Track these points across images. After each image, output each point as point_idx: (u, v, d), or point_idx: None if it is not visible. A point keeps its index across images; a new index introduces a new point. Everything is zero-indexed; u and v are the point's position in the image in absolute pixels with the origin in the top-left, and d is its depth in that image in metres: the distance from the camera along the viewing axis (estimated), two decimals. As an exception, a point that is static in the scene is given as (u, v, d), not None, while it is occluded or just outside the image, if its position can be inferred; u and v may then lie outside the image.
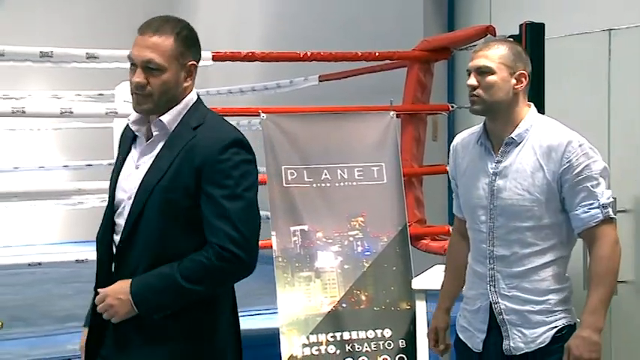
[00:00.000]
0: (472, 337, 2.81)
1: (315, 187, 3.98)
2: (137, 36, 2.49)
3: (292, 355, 3.74)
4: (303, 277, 3.85)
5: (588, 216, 2.67)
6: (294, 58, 4.81)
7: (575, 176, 2.66)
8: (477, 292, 2.80)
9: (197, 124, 2.52)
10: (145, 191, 2.45)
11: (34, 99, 7.30)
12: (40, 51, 4.24)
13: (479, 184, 2.78)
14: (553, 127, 2.77)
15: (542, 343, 2.71)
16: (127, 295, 2.43)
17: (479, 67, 2.71)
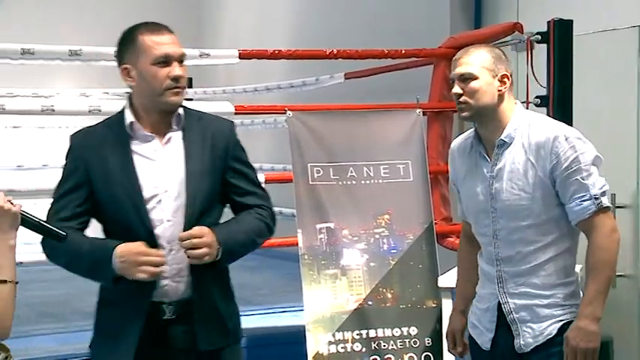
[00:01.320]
0: (481, 335, 2.85)
1: (341, 184, 3.99)
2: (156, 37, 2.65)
3: (318, 353, 3.75)
4: (329, 274, 3.86)
5: (581, 208, 2.69)
6: (320, 55, 4.81)
7: (565, 170, 2.68)
8: (487, 291, 2.85)
9: (197, 116, 2.75)
10: (192, 175, 2.62)
11: (62, 97, 7.36)
12: (70, 49, 4.28)
13: (478, 189, 2.81)
14: (540, 123, 2.80)
15: (549, 335, 2.74)
16: (215, 242, 2.57)
17: (461, 75, 2.74)
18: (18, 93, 7.08)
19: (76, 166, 2.66)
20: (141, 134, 2.65)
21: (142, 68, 2.61)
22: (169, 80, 2.59)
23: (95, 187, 2.64)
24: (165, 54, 2.60)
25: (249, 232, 2.70)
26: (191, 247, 2.53)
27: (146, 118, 2.66)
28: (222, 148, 2.70)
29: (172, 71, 2.59)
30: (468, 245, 3.04)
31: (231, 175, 2.72)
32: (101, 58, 4.41)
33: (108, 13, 10.53)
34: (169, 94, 2.60)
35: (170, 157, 2.64)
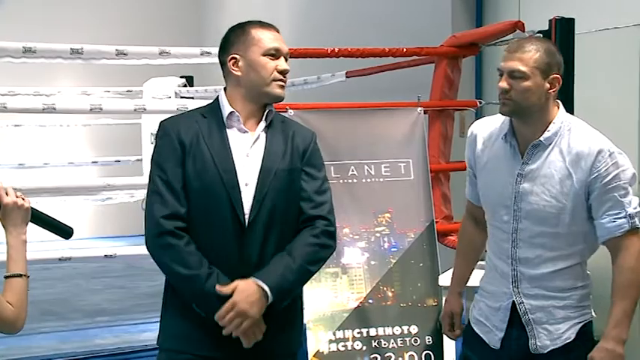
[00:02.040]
0: (489, 333, 2.81)
1: (342, 183, 3.99)
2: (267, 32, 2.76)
3: (319, 351, 3.75)
4: (329, 273, 3.86)
5: (614, 225, 2.64)
6: (322, 54, 4.82)
7: (604, 186, 2.62)
8: (498, 289, 2.79)
9: (281, 118, 2.85)
10: (267, 174, 2.69)
11: (64, 95, 7.37)
12: (71, 47, 4.29)
13: (502, 182, 2.75)
14: (583, 131, 2.71)
15: (568, 339, 2.71)
16: (257, 294, 2.60)
17: (512, 71, 2.64)
18: (19, 91, 7.09)
19: (174, 146, 2.69)
20: (239, 126, 2.73)
21: (252, 58, 2.71)
22: (277, 72, 2.71)
23: (187, 172, 2.67)
24: (276, 47, 2.73)
25: (301, 265, 2.69)
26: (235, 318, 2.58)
27: (242, 110, 2.74)
28: (302, 151, 2.78)
29: (281, 64, 2.72)
30: (473, 227, 3.01)
31: (304, 178, 2.77)
32: (102, 56, 4.42)
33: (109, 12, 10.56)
34: (275, 86, 2.72)
35: (255, 152, 2.72)
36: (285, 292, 2.66)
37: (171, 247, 2.61)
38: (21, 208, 2.32)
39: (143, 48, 4.58)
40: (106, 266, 7.05)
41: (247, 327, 2.60)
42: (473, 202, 2.98)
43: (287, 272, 2.65)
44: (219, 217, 2.66)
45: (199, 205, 2.68)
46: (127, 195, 6.61)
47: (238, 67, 2.72)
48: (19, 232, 2.31)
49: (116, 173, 7.36)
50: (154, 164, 2.73)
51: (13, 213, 2.31)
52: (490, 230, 2.85)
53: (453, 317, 3.02)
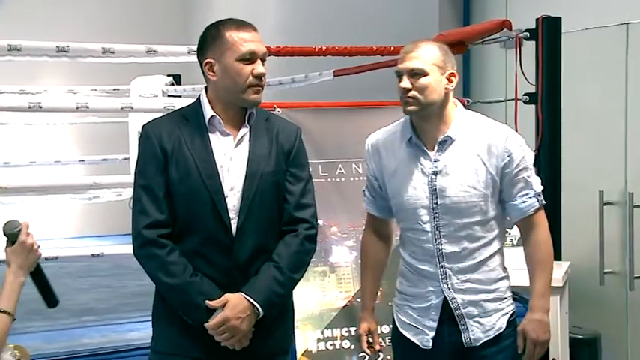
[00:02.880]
0: (419, 334, 2.84)
1: (330, 181, 3.98)
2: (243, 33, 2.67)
3: (307, 350, 3.75)
4: (317, 272, 3.85)
5: (526, 205, 2.79)
6: (309, 52, 4.81)
7: (515, 168, 2.75)
8: (424, 289, 2.82)
9: (265, 116, 2.78)
10: (253, 178, 2.65)
11: (50, 94, 7.33)
12: (57, 46, 4.26)
13: (416, 184, 2.79)
14: (485, 122, 2.85)
15: (499, 329, 2.79)
16: (247, 310, 2.61)
17: (412, 70, 2.73)
18: (5, 90, 7.05)
19: (155, 153, 2.66)
20: (220, 129, 2.69)
21: (226, 63, 2.64)
22: (252, 77, 2.63)
23: (171, 177, 2.65)
24: (250, 51, 2.64)
25: (288, 277, 2.70)
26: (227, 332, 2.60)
27: (223, 113, 2.70)
28: (286, 151, 2.75)
29: (256, 68, 2.64)
30: (377, 241, 3.04)
31: (289, 181, 2.75)
32: (88, 54, 4.40)
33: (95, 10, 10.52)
34: (251, 92, 2.65)
35: (238, 155, 2.68)
36: (274, 304, 2.68)
37: (154, 256, 2.60)
38: (32, 252, 2.34)
39: (130, 46, 4.56)
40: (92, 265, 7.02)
41: (237, 340, 2.62)
42: (377, 215, 3.02)
43: (275, 285, 2.67)
44: (205, 222, 2.65)
45: (185, 211, 2.67)
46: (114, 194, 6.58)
47: (214, 72, 2.68)
48: (19, 274, 2.32)
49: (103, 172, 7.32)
50: (137, 171, 2.71)
51: (24, 253, 2.32)
52: (407, 235, 2.88)
53: (370, 334, 3.02)
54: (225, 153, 2.69)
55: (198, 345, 2.66)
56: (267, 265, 2.69)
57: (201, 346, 2.66)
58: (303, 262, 2.77)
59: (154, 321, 2.79)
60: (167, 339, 2.69)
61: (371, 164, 2.96)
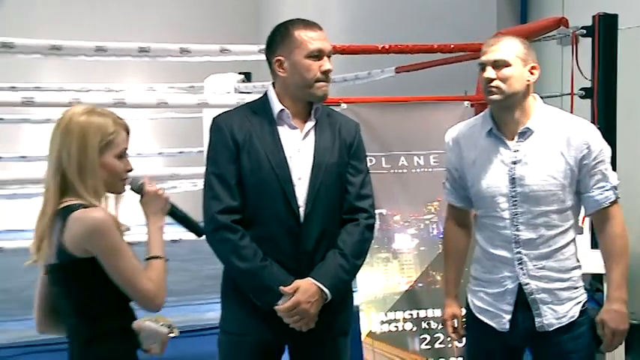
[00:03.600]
0: (496, 318, 2.79)
1: (392, 173, 3.97)
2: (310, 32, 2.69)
3: (371, 331, 3.75)
4: (381, 258, 3.85)
5: (603, 197, 2.72)
6: (373, 50, 4.79)
7: (593, 160, 2.69)
8: (500, 275, 2.78)
9: (327, 112, 2.78)
10: (319, 168, 2.67)
11: (132, 91, 7.46)
12: (139, 46, 4.32)
13: (495, 173, 2.75)
14: (563, 115, 2.79)
15: (572, 317, 2.74)
16: (316, 295, 2.63)
17: (496, 61, 2.69)
18: (92, 88, 7.20)
19: (227, 143, 2.68)
20: (289, 122, 2.72)
21: (295, 60, 2.67)
22: (320, 73, 2.66)
23: (243, 166, 2.67)
24: (318, 49, 2.66)
25: (353, 264, 2.72)
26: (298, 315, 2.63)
27: (291, 107, 2.72)
28: (348, 144, 2.76)
29: (323, 65, 2.67)
30: (458, 230, 3.00)
31: (350, 171, 2.76)
32: (167, 54, 4.45)
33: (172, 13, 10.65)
34: (318, 86, 2.68)
35: (306, 147, 2.71)
36: (340, 289, 2.69)
37: (227, 241, 2.62)
38: (160, 197, 2.39)
39: (205, 46, 4.60)
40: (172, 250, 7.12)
41: (305, 322, 2.63)
42: (457, 205, 2.98)
43: (341, 272, 2.68)
44: (275, 210, 2.66)
45: (255, 200, 2.68)
46: (191, 184, 6.68)
47: (283, 69, 2.69)
48: (157, 219, 2.38)
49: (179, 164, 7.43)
50: (209, 161, 2.73)
51: (153, 201, 2.39)
52: (485, 222, 2.83)
53: (455, 319, 2.98)
54: (293, 145, 2.70)
55: (266, 326, 2.68)
56: (332, 252, 2.70)
57: (269, 328, 2.68)
58: (364, 250, 2.78)
59: (222, 303, 2.81)
60: (236, 320, 2.71)
61: (451, 156, 2.93)
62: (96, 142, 2.26)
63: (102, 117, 2.30)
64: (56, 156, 2.26)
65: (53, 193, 2.24)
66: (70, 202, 2.23)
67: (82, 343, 2.26)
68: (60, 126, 2.27)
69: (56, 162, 2.25)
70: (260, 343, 2.71)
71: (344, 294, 2.79)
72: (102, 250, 2.19)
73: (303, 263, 2.67)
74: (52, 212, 2.23)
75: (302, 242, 2.67)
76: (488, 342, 2.83)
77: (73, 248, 2.19)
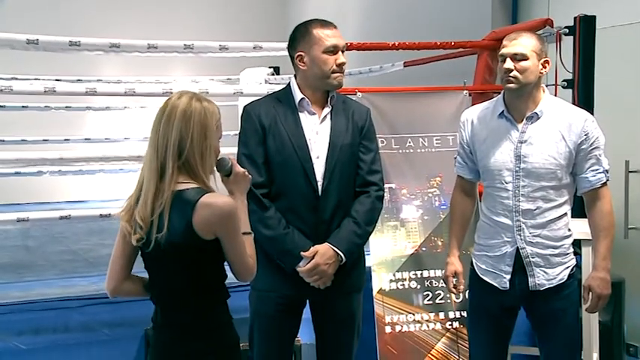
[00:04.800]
0: (497, 278, 2.77)
1: (400, 152, 3.94)
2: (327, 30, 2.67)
3: (381, 289, 3.75)
4: (390, 225, 3.84)
5: (596, 179, 2.70)
6: (384, 47, 4.75)
7: (589, 146, 2.67)
8: (500, 240, 2.76)
9: (342, 99, 2.76)
10: (334, 149, 2.66)
11: (178, 83, 7.45)
12: (184, 44, 4.31)
13: (503, 150, 2.73)
14: (566, 105, 2.77)
15: (561, 280, 2.73)
16: (333, 258, 2.63)
17: (515, 54, 2.65)
18: (145, 80, 7.20)
19: (255, 128, 2.69)
20: (308, 109, 2.71)
21: (314, 55, 2.66)
22: (335, 66, 2.65)
23: (269, 147, 2.68)
24: (334, 45, 2.66)
25: (365, 228, 2.72)
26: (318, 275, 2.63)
27: (310, 96, 2.71)
28: (360, 127, 2.74)
29: (339, 59, 2.66)
30: (464, 198, 2.98)
31: (362, 150, 2.75)
32: (208, 50, 4.44)
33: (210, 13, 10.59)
34: (334, 77, 2.67)
35: (323, 130, 2.70)
36: (353, 253, 2.69)
37: (254, 212, 2.59)
38: (246, 177, 2.28)
39: (240, 43, 4.58)
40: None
41: (323, 281, 2.64)
42: (465, 176, 2.95)
43: (355, 237, 2.68)
44: (297, 185, 2.67)
45: (280, 177, 2.68)
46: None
47: (304, 63, 2.68)
48: (244, 197, 2.27)
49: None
50: (240, 143, 2.74)
51: (241, 181, 2.26)
52: (489, 192, 2.82)
53: (456, 276, 2.95)
54: (312, 128, 2.70)
55: (289, 284, 2.69)
56: (347, 220, 2.69)
57: (292, 285, 2.69)
58: (374, 218, 2.77)
59: None
60: (264, 279, 2.70)
61: (464, 133, 2.90)
62: (213, 126, 2.15)
63: (209, 103, 2.18)
64: (177, 140, 2.09)
65: (171, 175, 2.09)
66: (187, 184, 2.11)
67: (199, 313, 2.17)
68: (174, 112, 2.11)
69: (176, 146, 2.09)
70: (284, 297, 2.72)
71: (357, 256, 2.79)
72: (228, 233, 2.11)
73: (321, 231, 2.67)
74: (171, 193, 2.09)
75: (320, 212, 2.67)
76: (489, 300, 2.82)
77: (203, 231, 2.08)
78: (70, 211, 3.88)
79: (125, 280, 2.23)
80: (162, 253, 2.12)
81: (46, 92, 3.89)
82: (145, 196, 2.11)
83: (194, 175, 2.13)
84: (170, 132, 2.10)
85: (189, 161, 2.11)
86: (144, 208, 2.10)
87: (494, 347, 2.86)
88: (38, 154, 4.15)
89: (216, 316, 2.20)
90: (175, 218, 2.08)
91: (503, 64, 2.69)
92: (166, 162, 2.10)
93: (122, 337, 3.48)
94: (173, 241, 2.10)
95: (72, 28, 7.27)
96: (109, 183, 7.92)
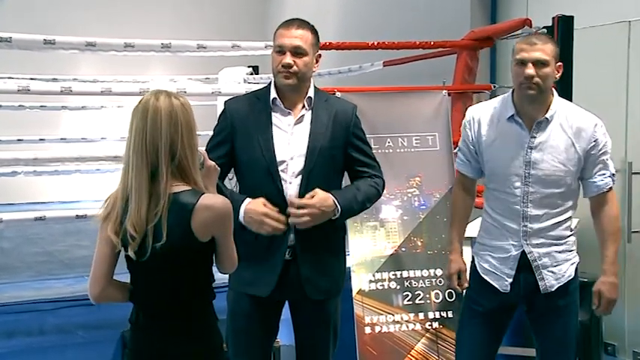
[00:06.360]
0: (499, 280, 2.77)
1: (380, 152, 3.94)
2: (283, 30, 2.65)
3: (361, 289, 3.75)
4: (370, 226, 3.84)
5: (603, 183, 2.70)
6: (364, 46, 4.75)
7: (599, 151, 2.66)
8: (505, 243, 2.75)
9: (325, 97, 2.73)
10: (313, 151, 2.62)
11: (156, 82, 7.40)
12: (162, 42, 4.28)
13: (513, 155, 2.69)
14: (576, 110, 2.74)
15: (569, 277, 2.73)
16: (332, 207, 2.58)
17: (538, 60, 2.59)
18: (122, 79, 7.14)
19: (225, 126, 2.69)
20: (280, 108, 2.69)
21: (272, 54, 2.69)
22: (280, 66, 2.63)
23: (236, 146, 2.66)
24: (279, 44, 2.65)
25: (364, 199, 2.70)
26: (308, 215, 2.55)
27: (284, 95, 2.69)
28: (344, 127, 2.70)
29: (283, 59, 2.63)
30: (464, 195, 2.96)
31: (352, 150, 2.73)
32: (186, 49, 4.41)
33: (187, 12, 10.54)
34: (280, 77, 2.64)
35: (299, 131, 2.66)
36: (347, 214, 2.66)
37: None
38: (216, 170, 2.25)
39: (219, 42, 4.56)
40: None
41: (307, 223, 2.57)
42: (467, 175, 2.92)
43: (354, 201, 2.66)
44: (263, 185, 2.62)
45: (248, 177, 2.66)
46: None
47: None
48: (214, 189, 2.23)
49: (197, 144, 7.39)
50: (209, 138, 2.74)
51: (212, 174, 2.23)
52: (496, 195, 2.79)
53: (460, 275, 2.95)
54: (286, 129, 2.66)
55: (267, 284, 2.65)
56: (350, 186, 2.71)
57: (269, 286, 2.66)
58: (374, 196, 2.76)
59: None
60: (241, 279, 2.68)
61: (470, 132, 2.85)
62: (195, 122, 2.12)
63: (184, 99, 2.13)
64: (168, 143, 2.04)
65: (165, 179, 2.04)
66: (180, 186, 2.07)
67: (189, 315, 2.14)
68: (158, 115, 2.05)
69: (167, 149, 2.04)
70: (261, 297, 2.69)
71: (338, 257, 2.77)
72: (224, 233, 2.11)
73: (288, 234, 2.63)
74: (168, 198, 2.04)
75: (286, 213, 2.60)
76: (488, 298, 2.81)
77: (201, 233, 2.06)
78: (45, 212, 3.83)
79: (109, 285, 2.18)
80: (156, 258, 2.09)
81: (20, 91, 3.84)
82: (137, 205, 2.05)
83: (186, 176, 2.09)
84: (159, 136, 2.05)
85: (181, 162, 2.08)
86: (137, 218, 2.05)
87: (485, 347, 2.86)
88: (12, 154, 4.09)
89: (204, 317, 2.19)
90: (173, 223, 2.05)
91: (522, 68, 2.61)
92: (159, 167, 2.05)
93: (98, 339, 3.45)
94: (170, 246, 2.06)
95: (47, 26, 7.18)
96: (86, 183, 7.84)
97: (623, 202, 4.65)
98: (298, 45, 2.63)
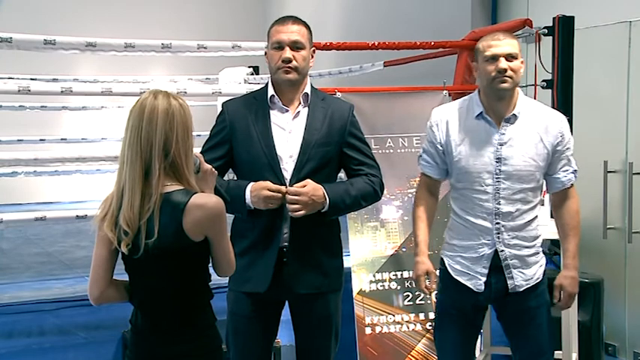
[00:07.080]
0: (473, 279, 2.76)
1: (380, 152, 3.95)
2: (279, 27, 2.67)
3: (361, 290, 3.75)
4: (370, 226, 3.84)
5: (567, 179, 2.74)
6: (364, 47, 4.75)
7: (564, 147, 2.70)
8: (477, 242, 2.74)
9: (322, 96, 2.73)
10: (307, 147, 2.63)
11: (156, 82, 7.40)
12: (162, 43, 4.28)
13: (483, 152, 2.70)
14: (541, 106, 2.78)
15: (537, 279, 2.75)
16: (322, 198, 2.59)
17: (509, 53, 2.62)
18: (122, 79, 7.14)
19: (223, 127, 2.70)
20: (278, 106, 2.70)
21: (268, 52, 2.70)
22: (280, 62, 2.63)
23: (235, 145, 2.67)
24: (277, 40, 2.66)
25: (357, 195, 2.68)
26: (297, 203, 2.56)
27: (282, 93, 2.70)
28: (341, 125, 2.70)
29: (283, 54, 2.63)
30: (429, 197, 2.94)
31: (348, 148, 2.73)
32: (186, 49, 4.41)
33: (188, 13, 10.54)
34: (281, 72, 2.65)
35: (296, 127, 2.68)
36: (337, 210, 2.66)
37: None
38: (213, 174, 2.25)
39: (219, 43, 4.56)
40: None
41: (297, 210, 2.58)
42: (432, 176, 2.89)
43: (345, 196, 2.66)
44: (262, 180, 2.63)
45: (249, 175, 2.66)
46: (207, 162, 6.62)
47: (267, 60, 2.71)
48: (212, 193, 2.22)
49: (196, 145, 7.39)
50: (206, 139, 2.76)
51: (209, 177, 2.22)
52: (466, 194, 2.76)
53: (428, 276, 2.88)
54: (285, 126, 2.68)
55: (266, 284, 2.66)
56: (344, 181, 2.72)
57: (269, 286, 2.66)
58: (370, 195, 2.74)
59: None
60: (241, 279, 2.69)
61: (438, 133, 2.81)
62: (192, 124, 2.12)
63: (183, 101, 2.14)
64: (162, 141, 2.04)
65: (157, 177, 2.04)
66: (173, 186, 2.08)
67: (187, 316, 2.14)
68: (155, 112, 2.06)
69: (161, 147, 2.05)
70: (260, 297, 2.69)
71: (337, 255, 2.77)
72: (218, 233, 2.10)
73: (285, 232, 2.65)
74: (159, 196, 2.04)
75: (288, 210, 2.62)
76: (462, 300, 2.81)
77: (194, 233, 2.06)
78: (45, 212, 3.83)
79: (109, 286, 2.18)
80: (150, 257, 2.08)
81: (21, 91, 3.84)
82: (129, 200, 2.06)
83: (179, 176, 2.10)
84: (154, 133, 2.06)
85: (174, 161, 2.08)
86: (130, 213, 2.05)
87: (466, 348, 2.86)
88: (13, 155, 4.09)
89: (203, 318, 2.18)
90: (165, 222, 2.05)
91: (493, 64, 2.62)
92: (152, 163, 2.06)
93: (99, 340, 3.45)
94: (163, 246, 2.06)
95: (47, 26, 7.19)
96: (86, 184, 7.84)
97: (624, 203, 4.66)
98: (296, 39, 2.66)
